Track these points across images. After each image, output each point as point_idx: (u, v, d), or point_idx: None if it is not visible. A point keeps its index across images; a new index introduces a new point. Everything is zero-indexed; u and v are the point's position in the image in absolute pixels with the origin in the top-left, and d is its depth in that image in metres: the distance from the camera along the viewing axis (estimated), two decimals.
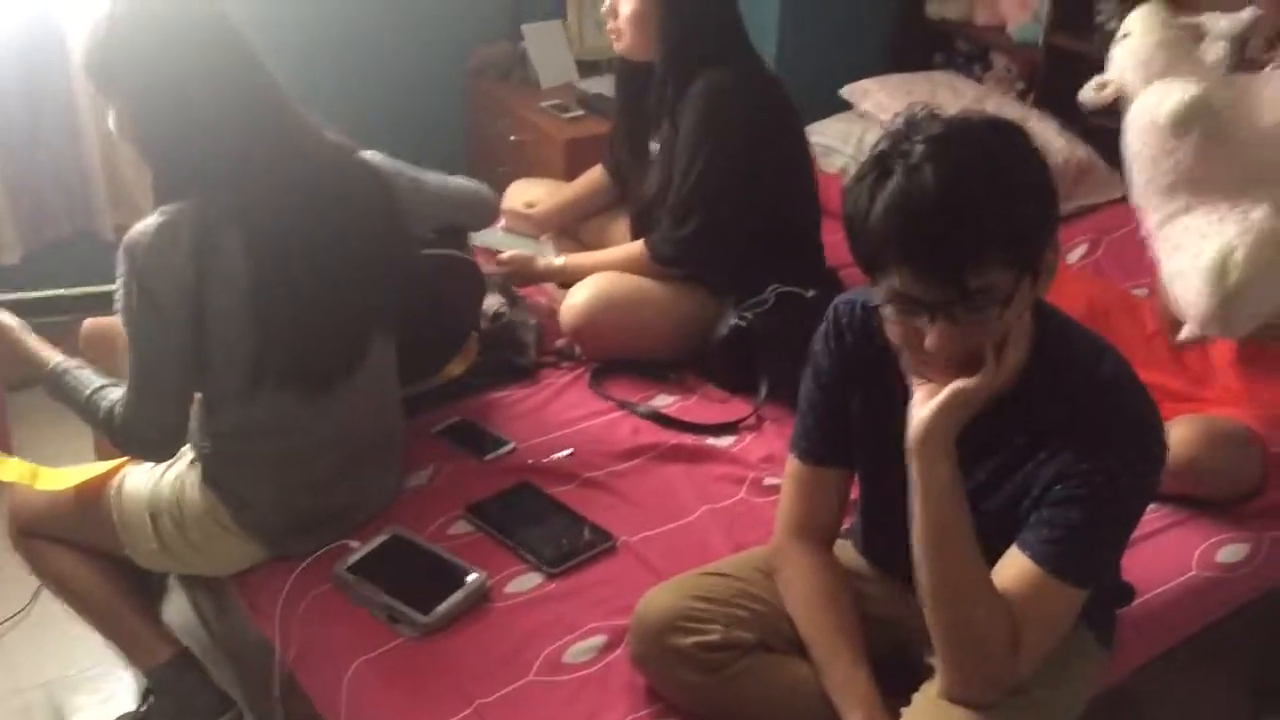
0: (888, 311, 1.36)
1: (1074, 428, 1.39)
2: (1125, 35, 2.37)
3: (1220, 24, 2.77)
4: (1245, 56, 2.80)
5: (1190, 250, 2.14)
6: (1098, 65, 3.12)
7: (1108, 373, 1.43)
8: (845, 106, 3.27)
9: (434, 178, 2.05)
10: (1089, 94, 2.45)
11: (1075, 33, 3.11)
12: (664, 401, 2.34)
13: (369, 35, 3.24)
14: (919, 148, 1.29)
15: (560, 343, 2.45)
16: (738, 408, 2.32)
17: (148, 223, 1.65)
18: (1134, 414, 1.41)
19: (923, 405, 1.40)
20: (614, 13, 2.44)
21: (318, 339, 1.76)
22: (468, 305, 2.28)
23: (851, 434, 1.58)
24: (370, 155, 1.87)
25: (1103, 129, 3.09)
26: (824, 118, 3.24)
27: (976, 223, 1.27)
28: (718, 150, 2.35)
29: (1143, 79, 2.32)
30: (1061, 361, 1.42)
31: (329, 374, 1.80)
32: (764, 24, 3.30)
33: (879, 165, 1.32)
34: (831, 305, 1.59)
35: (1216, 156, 2.17)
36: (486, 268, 2.45)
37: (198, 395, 1.79)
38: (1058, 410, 1.41)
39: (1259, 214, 2.10)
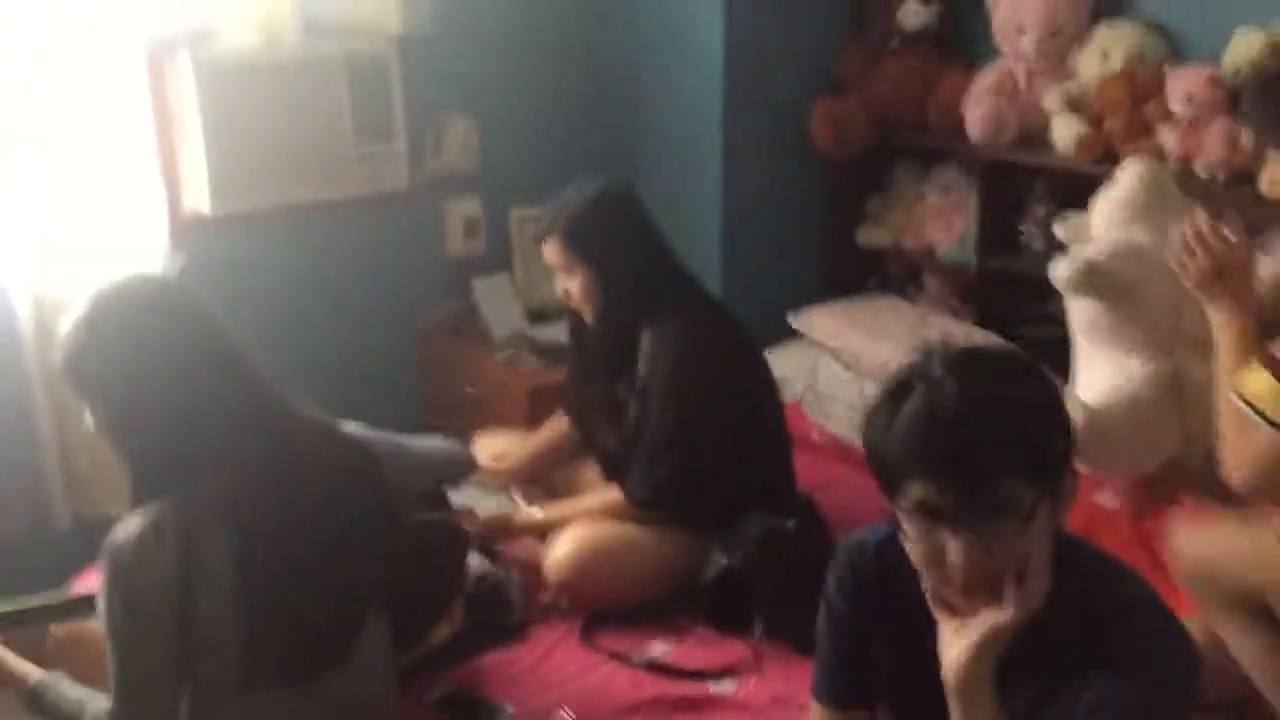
0: (909, 530, 1.38)
1: (1103, 653, 1.38)
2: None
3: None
4: None
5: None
6: (1030, 281, 3.30)
7: (1129, 594, 1.43)
8: (789, 333, 3.37)
9: (412, 441, 2.06)
10: (1059, 231, 2.74)
11: (1004, 252, 3.27)
12: (659, 649, 2.29)
13: (317, 300, 3.28)
14: (939, 367, 1.36)
15: (546, 597, 2.41)
16: (734, 648, 2.28)
17: (129, 526, 1.61)
18: (1162, 630, 1.41)
19: (952, 642, 1.40)
20: (566, 293, 2.52)
21: (310, 631, 1.70)
22: (452, 569, 2.25)
23: (880, 675, 1.55)
24: (351, 427, 1.87)
25: (1046, 341, 3.23)
26: (768, 346, 3.32)
27: (998, 432, 1.32)
28: (693, 400, 2.40)
29: (1103, 228, 2.50)
30: (1082, 584, 1.43)
31: (322, 663, 1.74)
32: (707, 262, 3.43)
33: (900, 384, 1.38)
34: (843, 549, 1.59)
35: (1109, 316, 2.35)
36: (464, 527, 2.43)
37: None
38: (1084, 634, 1.40)
39: (1139, 371, 2.29)
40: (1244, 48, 2.76)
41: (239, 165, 2.98)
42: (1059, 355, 3.13)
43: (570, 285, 2.48)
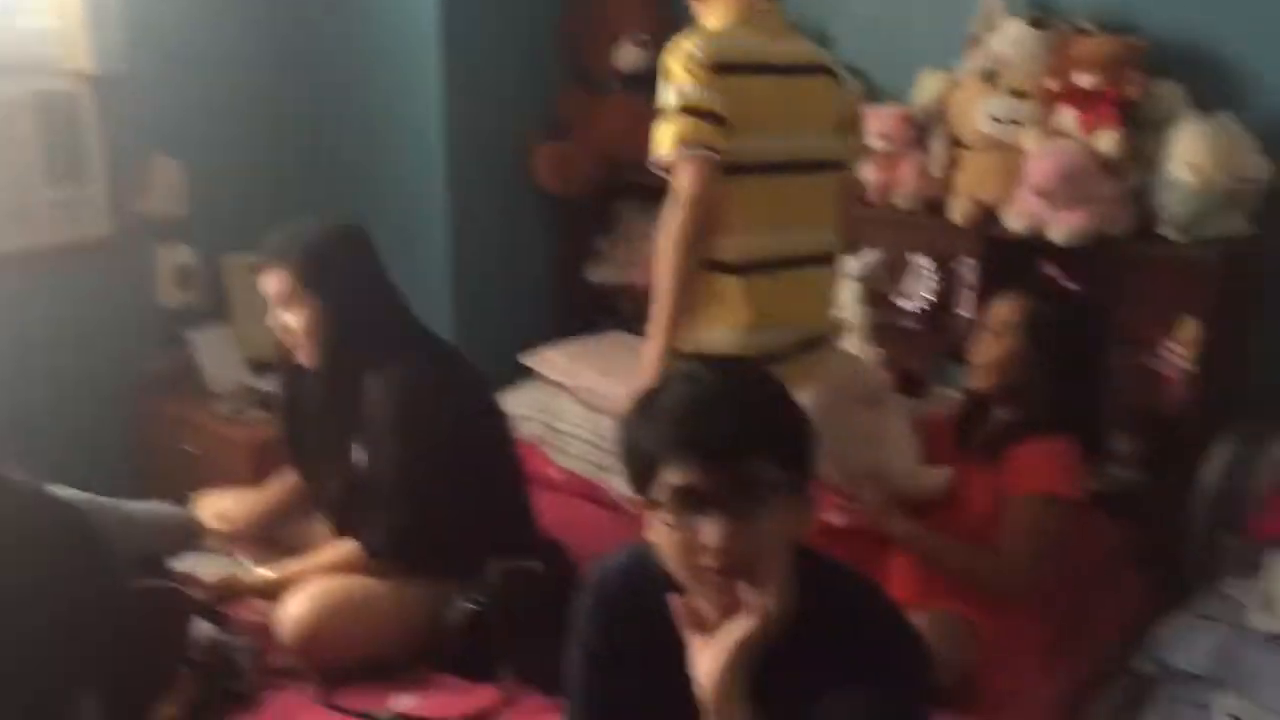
0: (666, 517, 1.40)
1: (848, 658, 1.43)
2: None
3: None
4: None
5: None
6: None
7: (866, 598, 1.49)
8: (526, 373, 3.36)
9: (134, 506, 1.91)
10: None
11: None
12: (405, 703, 2.20)
13: (15, 356, 3.02)
14: (693, 368, 1.46)
15: (281, 660, 2.28)
16: (483, 694, 2.22)
17: None
18: (898, 634, 1.47)
19: (702, 657, 1.42)
20: (285, 329, 2.39)
21: (6, 710, 1.54)
22: (174, 638, 2.09)
23: (633, 705, 1.54)
24: (65, 492, 1.71)
25: None
26: (504, 386, 3.31)
27: (754, 412, 1.40)
28: (422, 441, 2.33)
29: None
30: (826, 594, 1.48)
31: None
32: (438, 304, 3.38)
33: (658, 385, 1.46)
34: (588, 580, 1.58)
35: None
36: (190, 594, 2.27)
37: None
38: (830, 642, 1.45)
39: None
40: (929, 87, 2.98)
41: None
42: None
43: (292, 320, 2.36)
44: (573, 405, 3.15)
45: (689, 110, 2.17)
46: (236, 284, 3.42)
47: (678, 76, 2.20)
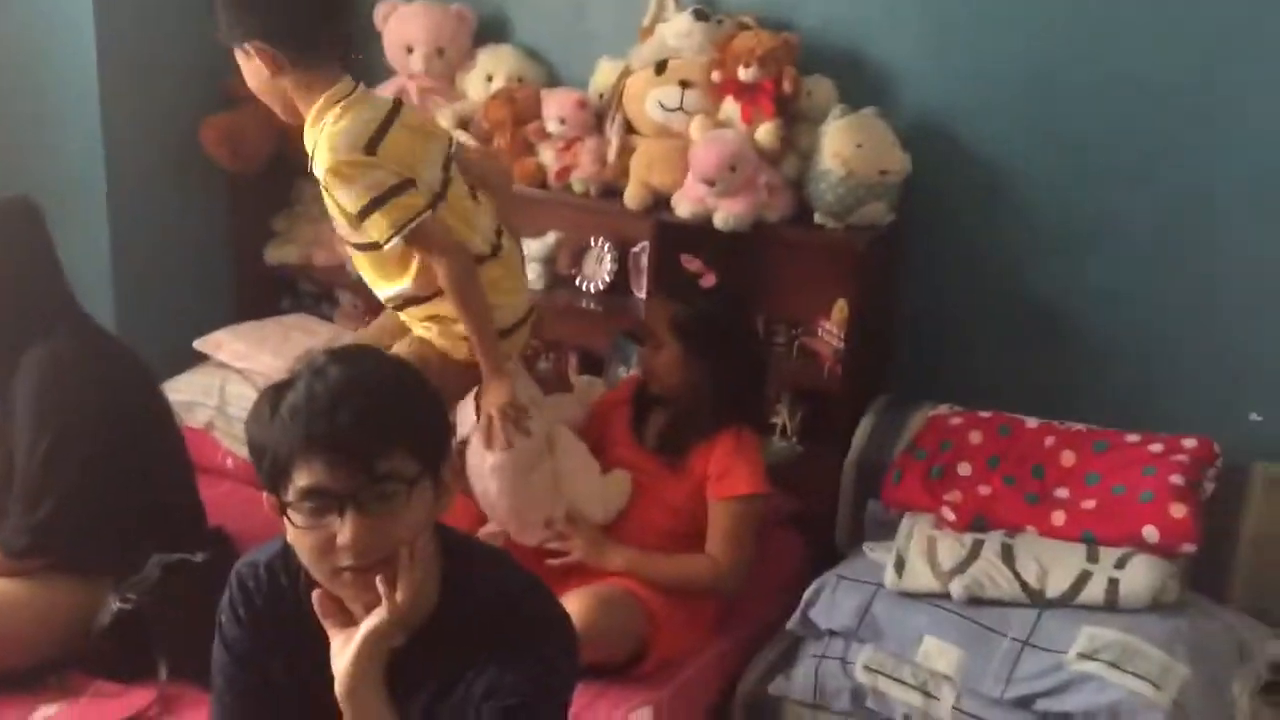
0: (298, 519, 1.37)
1: (493, 641, 1.45)
2: None
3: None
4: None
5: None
6: None
7: (514, 582, 1.52)
8: (200, 359, 3.21)
9: None
10: None
11: None
12: (48, 712, 2.08)
13: None
14: (322, 360, 1.41)
15: None
16: (139, 696, 2.13)
17: None
18: (543, 614, 1.51)
19: (340, 652, 1.40)
20: None
21: None
22: None
23: (278, 702, 1.51)
24: None
25: None
26: (175, 373, 3.15)
27: (381, 405, 1.37)
28: (63, 424, 2.20)
29: None
30: (469, 579, 1.49)
31: None
32: (97, 288, 3.16)
33: (283, 381, 1.41)
34: (234, 571, 1.54)
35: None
36: None
37: None
38: (475, 627, 1.47)
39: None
40: (606, 75, 3.04)
41: None
42: None
43: None
44: (246, 389, 3.04)
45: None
46: None
47: None
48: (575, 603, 2.11)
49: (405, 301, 2.34)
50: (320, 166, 2.16)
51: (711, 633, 2.46)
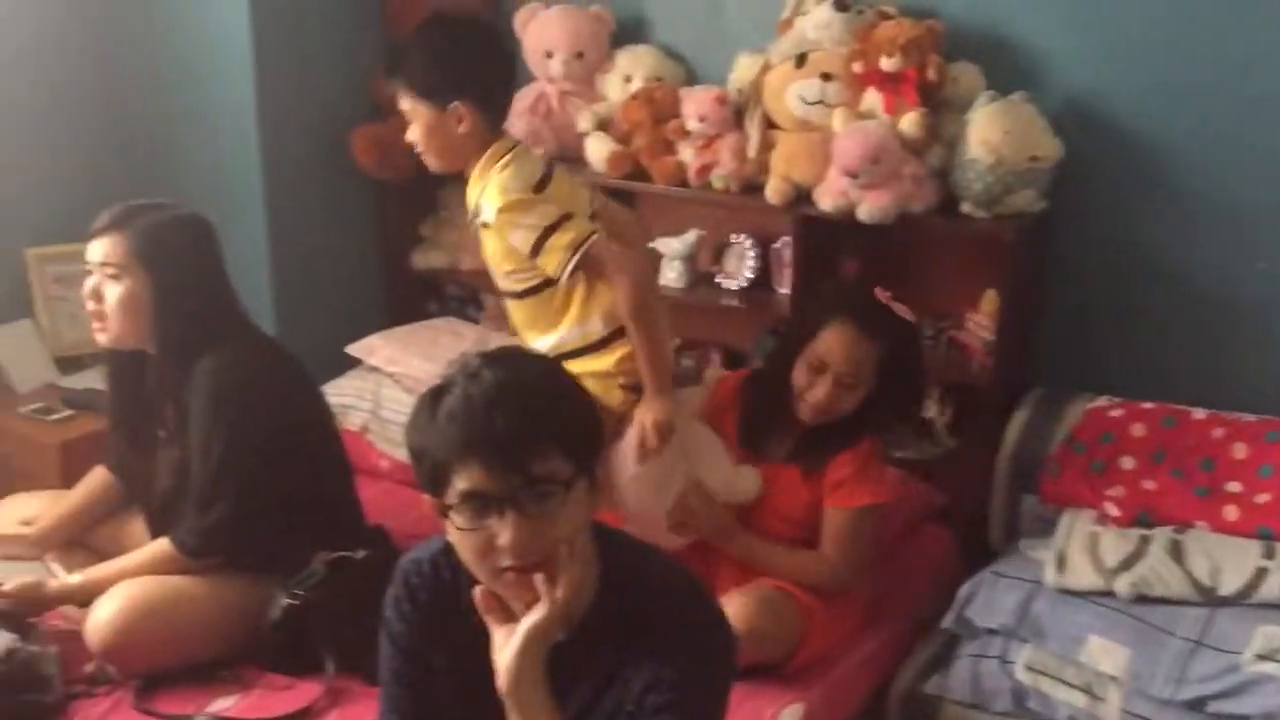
0: (459, 521, 1.39)
1: (650, 638, 1.46)
2: None
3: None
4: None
5: None
6: None
7: (671, 578, 1.53)
8: (353, 363, 3.31)
9: None
10: None
11: None
12: (224, 704, 2.16)
13: None
14: (476, 363, 1.43)
15: (90, 667, 2.20)
16: (307, 691, 2.19)
17: None
18: (700, 612, 1.51)
19: (502, 648, 1.43)
20: (97, 296, 2.31)
21: None
22: None
23: (443, 695, 1.55)
24: None
25: None
26: (329, 377, 3.25)
27: (536, 408, 1.39)
28: (235, 429, 2.27)
29: None
30: (628, 576, 1.50)
31: None
32: (256, 294, 3.28)
33: (440, 386, 1.43)
34: (399, 568, 1.58)
35: None
36: None
37: None
38: (633, 623, 1.47)
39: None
40: (745, 70, 3.03)
41: None
42: None
43: (110, 288, 2.28)
44: (398, 392, 3.12)
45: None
46: (40, 277, 3.26)
47: None
48: (735, 604, 2.10)
49: (560, 356, 2.38)
50: (492, 208, 2.36)
51: (859, 630, 2.43)
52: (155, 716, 2.12)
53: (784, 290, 3.06)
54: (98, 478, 2.57)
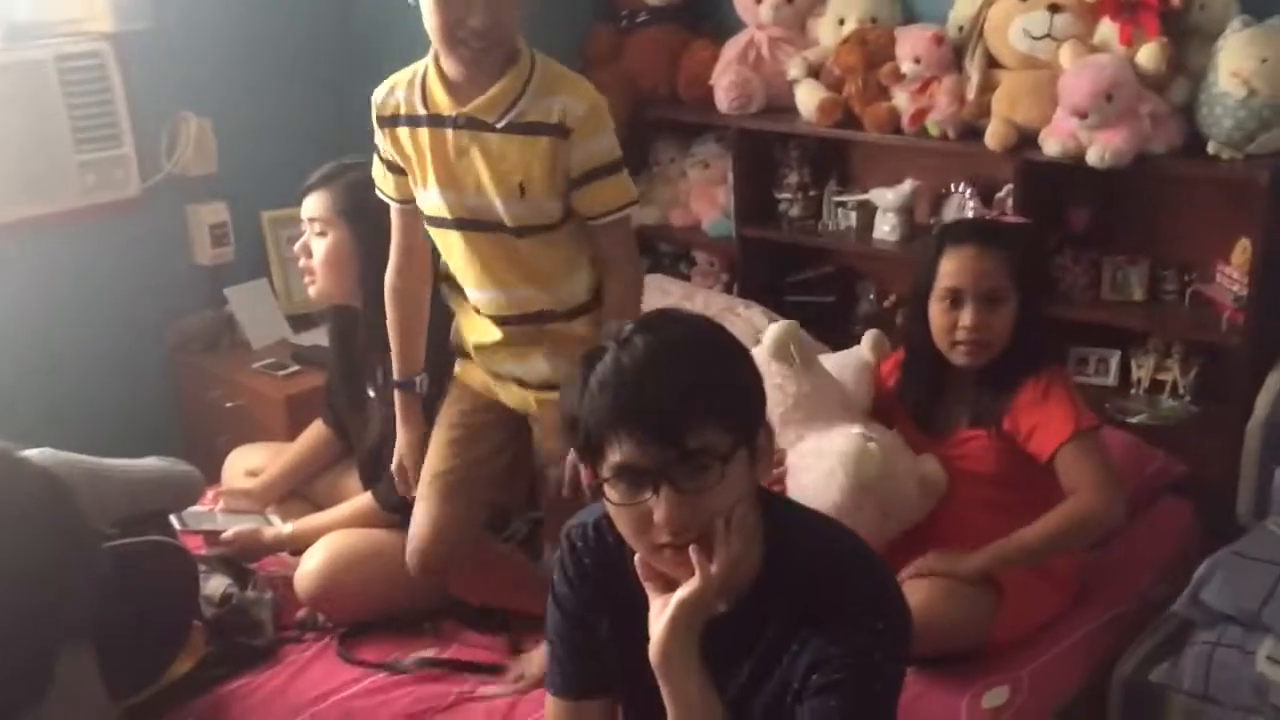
0: (613, 495, 1.34)
1: (819, 612, 1.37)
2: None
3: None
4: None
5: (813, 468, 2.17)
6: (789, 249, 3.33)
7: (843, 551, 1.43)
8: None
9: (118, 464, 1.91)
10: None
11: (763, 221, 3.29)
12: (426, 654, 2.21)
13: (51, 320, 3.06)
14: (628, 329, 1.36)
15: (300, 613, 2.30)
16: (499, 648, 2.22)
17: None
18: (874, 589, 1.41)
19: (657, 618, 1.37)
20: (306, 251, 2.39)
21: None
22: (181, 594, 2.10)
23: (608, 660, 1.51)
24: (36, 453, 1.71)
25: (803, 305, 3.27)
26: None
27: (688, 378, 1.31)
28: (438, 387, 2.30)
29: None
30: (796, 548, 1.42)
31: (5, 711, 1.58)
32: None
33: (593, 353, 1.37)
34: (564, 533, 1.55)
35: (809, 384, 2.26)
36: (208, 551, 2.30)
37: None
38: (801, 597, 1.39)
39: (857, 429, 2.18)
40: (966, 5, 2.83)
41: None
42: (820, 319, 3.19)
43: (317, 244, 2.35)
44: None
45: None
46: (274, 238, 3.42)
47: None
48: (918, 593, 1.90)
49: (541, 316, 2.06)
50: (583, 104, 1.94)
51: (1069, 607, 2.22)
52: (359, 664, 2.18)
53: None
54: (317, 431, 2.67)
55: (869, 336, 2.43)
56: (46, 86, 2.88)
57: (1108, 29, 2.57)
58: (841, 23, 3.07)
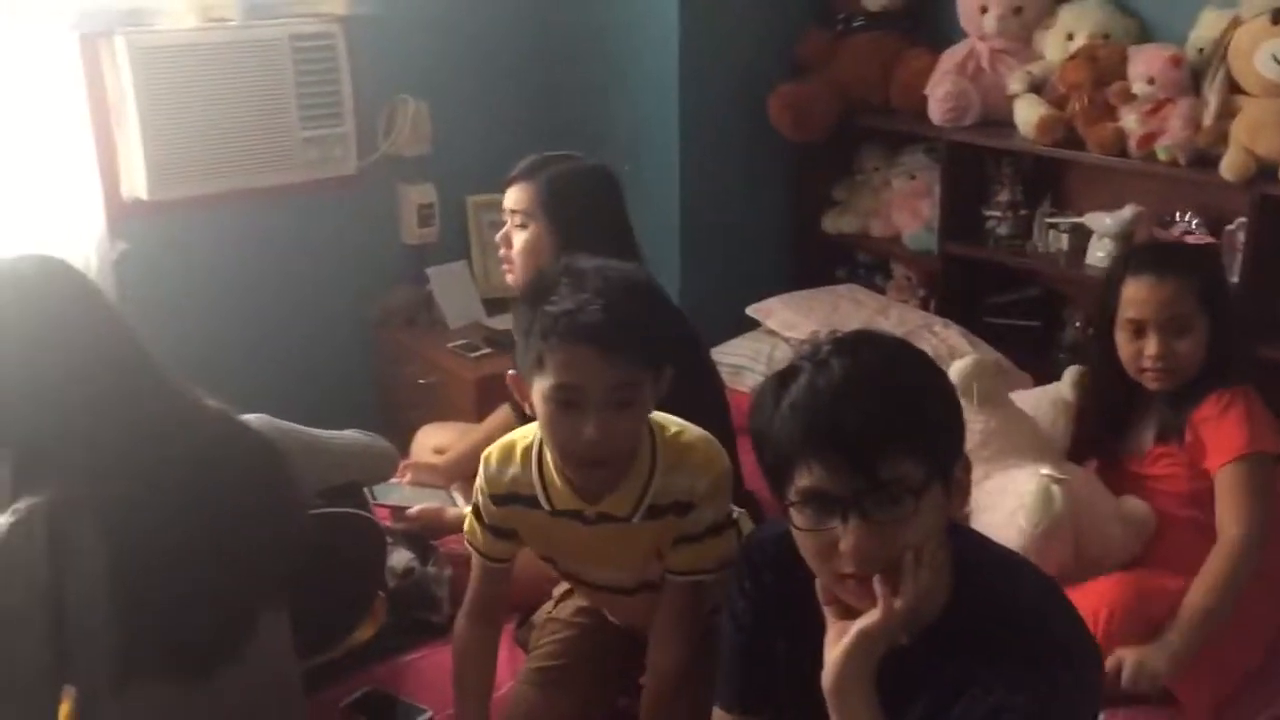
0: (799, 520, 1.31)
1: (1004, 655, 1.31)
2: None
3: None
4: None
5: (998, 507, 2.10)
6: (993, 268, 3.22)
7: (1031, 592, 1.36)
8: (752, 325, 3.29)
9: (325, 435, 1.98)
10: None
11: (968, 238, 3.18)
12: None
13: (264, 288, 3.22)
14: (825, 349, 1.32)
15: None
16: None
17: None
18: (1064, 635, 1.34)
19: (834, 643, 1.33)
20: (507, 241, 2.42)
21: (192, 624, 1.62)
22: (370, 565, 2.16)
23: (781, 680, 1.48)
24: (254, 419, 1.79)
25: (1004, 327, 3.15)
26: (730, 335, 3.25)
27: (884, 406, 1.27)
28: None
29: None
30: (985, 586, 1.36)
31: (209, 660, 1.66)
32: (666, 250, 3.35)
33: (787, 370, 1.34)
34: (742, 546, 1.52)
35: (998, 420, 2.21)
36: (394, 524, 2.36)
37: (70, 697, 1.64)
38: (985, 638, 1.33)
39: (1045, 469, 2.10)
40: (1210, 26, 2.67)
41: (178, 150, 2.92)
42: (1021, 344, 3.07)
43: (518, 235, 2.38)
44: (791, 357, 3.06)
45: None
46: (477, 223, 3.50)
47: None
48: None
49: None
50: (707, 479, 1.75)
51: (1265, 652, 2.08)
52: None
53: (1235, 279, 2.68)
54: (502, 415, 2.71)
55: (1070, 373, 2.36)
56: (279, 64, 3.02)
57: None
58: (1070, 37, 2.94)
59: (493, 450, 1.84)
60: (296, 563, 1.78)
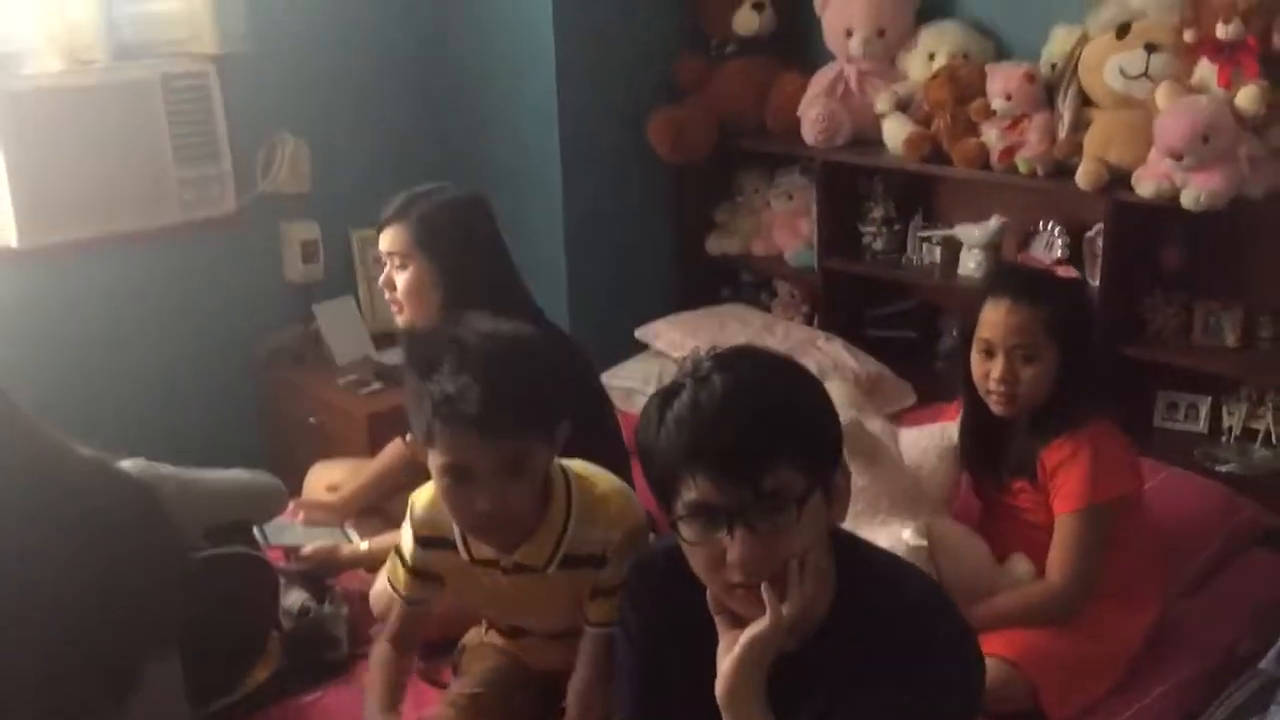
0: (687, 533, 1.34)
1: (890, 656, 1.36)
2: None
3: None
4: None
5: None
6: (872, 282, 3.32)
7: (915, 596, 1.41)
8: (641, 348, 3.33)
9: (206, 474, 1.96)
10: None
11: (846, 254, 3.27)
12: None
13: (145, 331, 3.16)
14: (706, 365, 1.35)
15: (375, 630, 2.32)
16: None
17: None
18: (948, 634, 1.39)
19: (724, 654, 1.37)
20: (390, 284, 2.43)
21: (67, 683, 1.58)
22: (261, 605, 2.14)
23: (676, 693, 1.51)
24: (129, 464, 1.76)
25: (884, 340, 3.25)
26: (620, 361, 3.28)
27: (765, 419, 1.30)
28: None
29: None
30: (868, 590, 1.40)
31: (90, 713, 1.62)
32: (552, 274, 3.38)
33: (669, 388, 1.37)
34: (633, 563, 1.55)
35: (868, 478, 2.21)
36: (289, 565, 2.34)
37: None
38: (870, 640, 1.37)
39: (907, 533, 2.15)
40: (1061, 43, 2.80)
41: (49, 196, 2.86)
42: (901, 354, 3.17)
43: (399, 276, 2.39)
44: None
45: None
46: (363, 258, 3.49)
47: None
48: None
49: None
50: (619, 532, 1.77)
51: (1145, 669, 2.15)
52: (437, 685, 2.19)
53: (1095, 283, 2.80)
54: (395, 449, 2.70)
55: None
56: (151, 105, 2.98)
57: (1206, 70, 2.52)
58: (932, 57, 3.05)
59: (419, 494, 1.86)
60: (182, 608, 1.75)
